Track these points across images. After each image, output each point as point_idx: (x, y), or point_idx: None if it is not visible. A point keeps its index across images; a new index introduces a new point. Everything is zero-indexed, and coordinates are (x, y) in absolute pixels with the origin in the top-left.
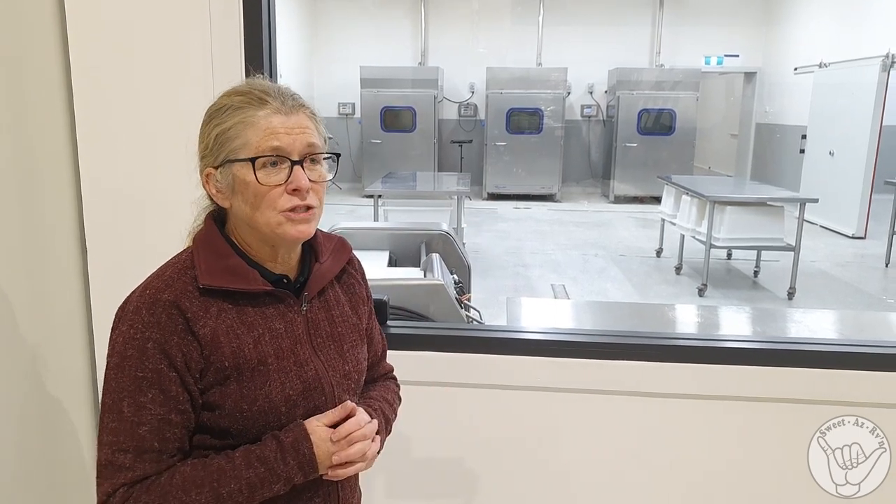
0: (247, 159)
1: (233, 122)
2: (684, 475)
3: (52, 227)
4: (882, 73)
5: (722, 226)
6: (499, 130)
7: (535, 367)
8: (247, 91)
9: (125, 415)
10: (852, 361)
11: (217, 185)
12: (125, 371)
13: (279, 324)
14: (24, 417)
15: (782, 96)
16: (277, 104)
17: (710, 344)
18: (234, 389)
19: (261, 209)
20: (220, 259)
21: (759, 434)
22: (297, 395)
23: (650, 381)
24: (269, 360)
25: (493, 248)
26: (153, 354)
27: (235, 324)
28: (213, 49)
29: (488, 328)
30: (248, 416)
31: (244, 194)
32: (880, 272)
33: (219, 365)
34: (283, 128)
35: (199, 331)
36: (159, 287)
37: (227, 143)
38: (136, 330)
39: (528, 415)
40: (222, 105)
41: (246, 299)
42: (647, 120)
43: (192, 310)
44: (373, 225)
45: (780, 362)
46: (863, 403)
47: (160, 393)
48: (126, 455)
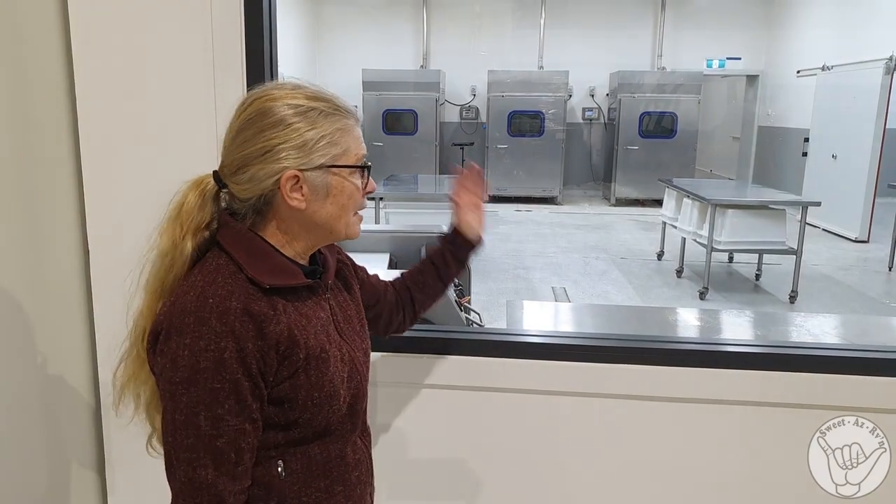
0: (358, 167)
1: (333, 128)
2: (684, 477)
3: (54, 230)
4: (885, 76)
5: (723, 229)
6: (500, 133)
7: (535, 370)
8: (328, 98)
9: (203, 429)
10: (853, 366)
11: (300, 187)
12: (199, 384)
13: (321, 312)
14: (26, 420)
15: (785, 99)
16: (353, 113)
17: (711, 348)
18: (304, 380)
19: (346, 210)
20: (269, 259)
21: (760, 435)
22: (346, 377)
23: (651, 384)
24: (326, 346)
25: (494, 250)
26: (230, 364)
27: (297, 317)
28: (215, 52)
29: (488, 331)
30: (318, 402)
31: (338, 197)
32: (883, 276)
33: (294, 358)
34: (360, 137)
35: (273, 329)
36: (223, 295)
37: (327, 148)
38: (209, 341)
39: (528, 418)
40: (311, 108)
41: (293, 294)
42: (648, 123)
43: (262, 312)
44: (373, 227)
45: (780, 367)
46: (864, 409)
47: (236, 403)
48: (207, 470)
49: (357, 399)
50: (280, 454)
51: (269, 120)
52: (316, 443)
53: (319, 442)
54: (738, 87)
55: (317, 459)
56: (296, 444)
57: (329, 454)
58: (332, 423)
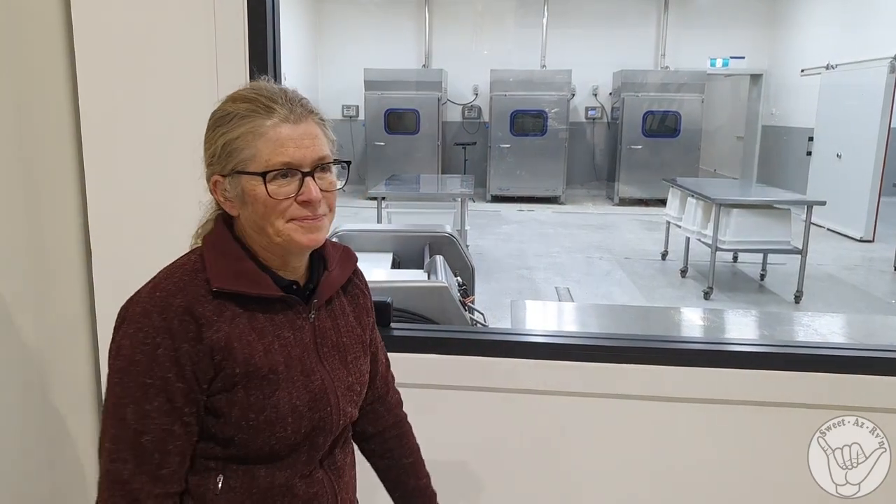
0: (257, 173)
1: (241, 132)
2: (685, 476)
3: (56, 230)
4: (890, 74)
5: (728, 228)
6: (503, 132)
7: (539, 370)
8: (253, 98)
9: (128, 422)
10: (853, 365)
11: (225, 193)
12: (131, 376)
13: (288, 332)
14: (28, 421)
15: (789, 98)
16: (286, 112)
17: (711, 347)
18: (242, 397)
19: (268, 218)
20: (233, 263)
21: (760, 435)
22: (303, 406)
23: (651, 384)
24: (279, 368)
25: (497, 250)
26: (163, 362)
27: (247, 330)
28: (218, 51)
29: (492, 331)
30: (255, 425)
31: (253, 204)
32: (889, 276)
33: (229, 371)
34: (293, 139)
35: (212, 336)
36: (170, 290)
37: (235, 154)
38: (146, 334)
39: (532, 418)
40: (228, 112)
41: (257, 305)
42: (651, 122)
43: (205, 315)
44: (376, 227)
45: (780, 366)
46: (864, 408)
47: (166, 402)
48: (125, 465)
49: (319, 432)
50: (221, 468)
51: (208, 125)
52: (263, 465)
53: (267, 466)
54: (741, 86)
55: (260, 483)
56: (238, 462)
57: (274, 481)
58: (280, 449)
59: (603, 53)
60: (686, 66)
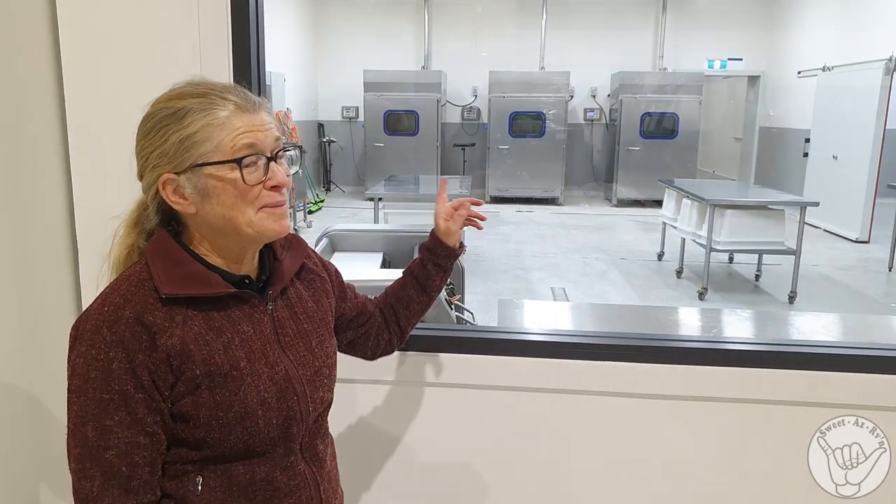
0: (228, 161)
1: (199, 126)
2: (684, 475)
3: (42, 231)
4: (885, 76)
5: (722, 229)
6: (501, 134)
7: (528, 367)
8: (205, 92)
9: (90, 440)
10: (853, 364)
11: (181, 191)
12: (88, 394)
13: (247, 326)
14: (19, 426)
15: (786, 100)
16: (240, 102)
17: (711, 346)
18: (207, 398)
19: (240, 208)
20: (180, 267)
21: (759, 435)
22: (271, 398)
23: (650, 382)
24: (241, 364)
25: (494, 251)
26: (119, 375)
27: (203, 330)
28: (202, 52)
29: (480, 329)
30: (225, 423)
31: (221, 196)
32: (883, 276)
33: (189, 374)
34: (254, 125)
35: (167, 342)
36: (118, 303)
37: (194, 148)
38: (99, 350)
39: (524, 416)
40: (176, 109)
41: (210, 304)
42: (649, 123)
43: (156, 323)
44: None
45: (780, 365)
46: (864, 408)
47: (127, 415)
48: (93, 483)
49: (292, 422)
50: (198, 469)
51: (146, 127)
52: (241, 462)
53: (245, 462)
54: (739, 88)
55: (239, 480)
56: (215, 462)
57: (254, 476)
58: (255, 444)
59: (601, 55)
60: (684, 67)
